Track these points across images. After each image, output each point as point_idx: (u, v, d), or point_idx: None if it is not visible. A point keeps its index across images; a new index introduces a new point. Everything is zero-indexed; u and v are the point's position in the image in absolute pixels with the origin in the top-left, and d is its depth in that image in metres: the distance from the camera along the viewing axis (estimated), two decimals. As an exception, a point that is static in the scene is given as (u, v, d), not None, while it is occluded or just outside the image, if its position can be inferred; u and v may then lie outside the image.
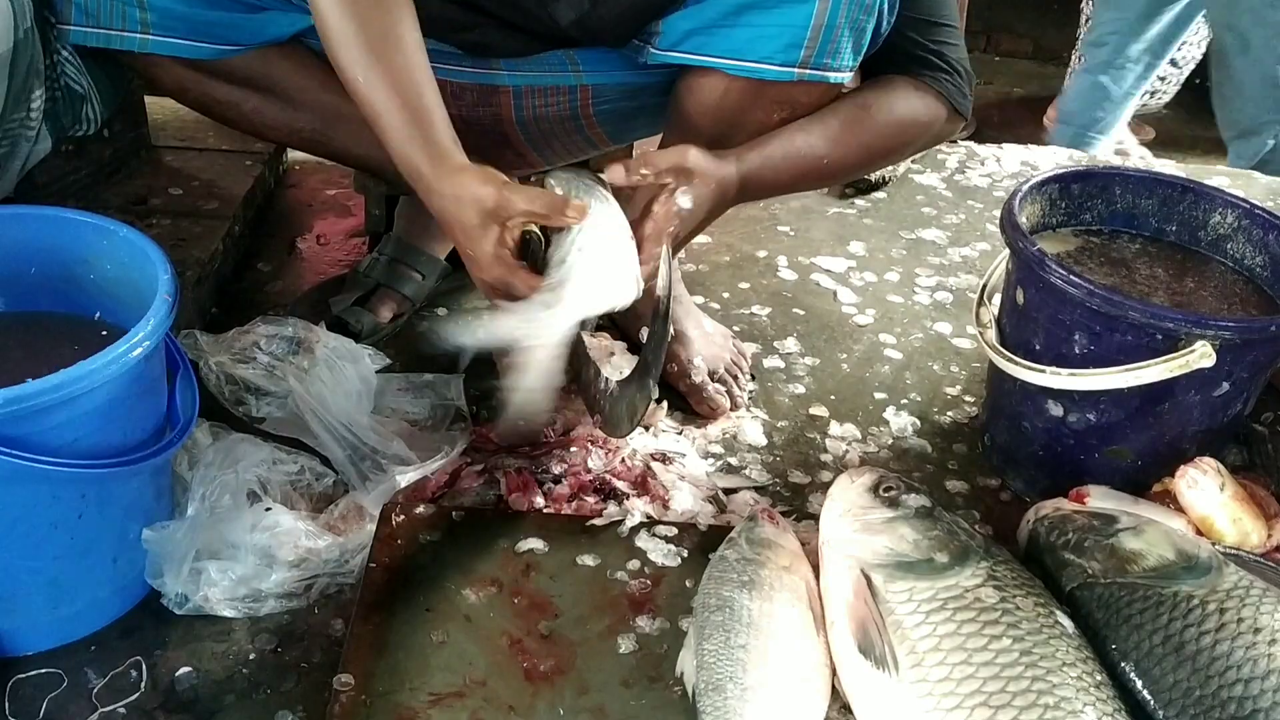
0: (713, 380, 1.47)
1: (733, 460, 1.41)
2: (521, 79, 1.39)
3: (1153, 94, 3.13)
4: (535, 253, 1.63)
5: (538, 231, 1.65)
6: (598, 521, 1.20)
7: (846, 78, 1.25)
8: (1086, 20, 2.99)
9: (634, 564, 1.15)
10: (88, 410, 0.97)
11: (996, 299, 1.38)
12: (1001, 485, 1.41)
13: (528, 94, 1.41)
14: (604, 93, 1.42)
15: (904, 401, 1.55)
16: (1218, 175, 2.40)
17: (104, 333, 1.12)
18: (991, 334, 1.33)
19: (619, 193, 1.20)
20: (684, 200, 1.19)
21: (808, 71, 1.22)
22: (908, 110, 1.33)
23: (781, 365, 1.61)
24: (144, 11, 1.32)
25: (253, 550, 1.12)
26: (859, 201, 2.13)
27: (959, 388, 1.60)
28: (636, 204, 1.21)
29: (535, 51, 1.36)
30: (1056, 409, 1.29)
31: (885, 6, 1.21)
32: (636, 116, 1.47)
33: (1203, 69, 2.96)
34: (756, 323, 1.71)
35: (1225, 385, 1.23)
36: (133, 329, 0.99)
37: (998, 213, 1.33)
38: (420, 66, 1.16)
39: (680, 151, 1.21)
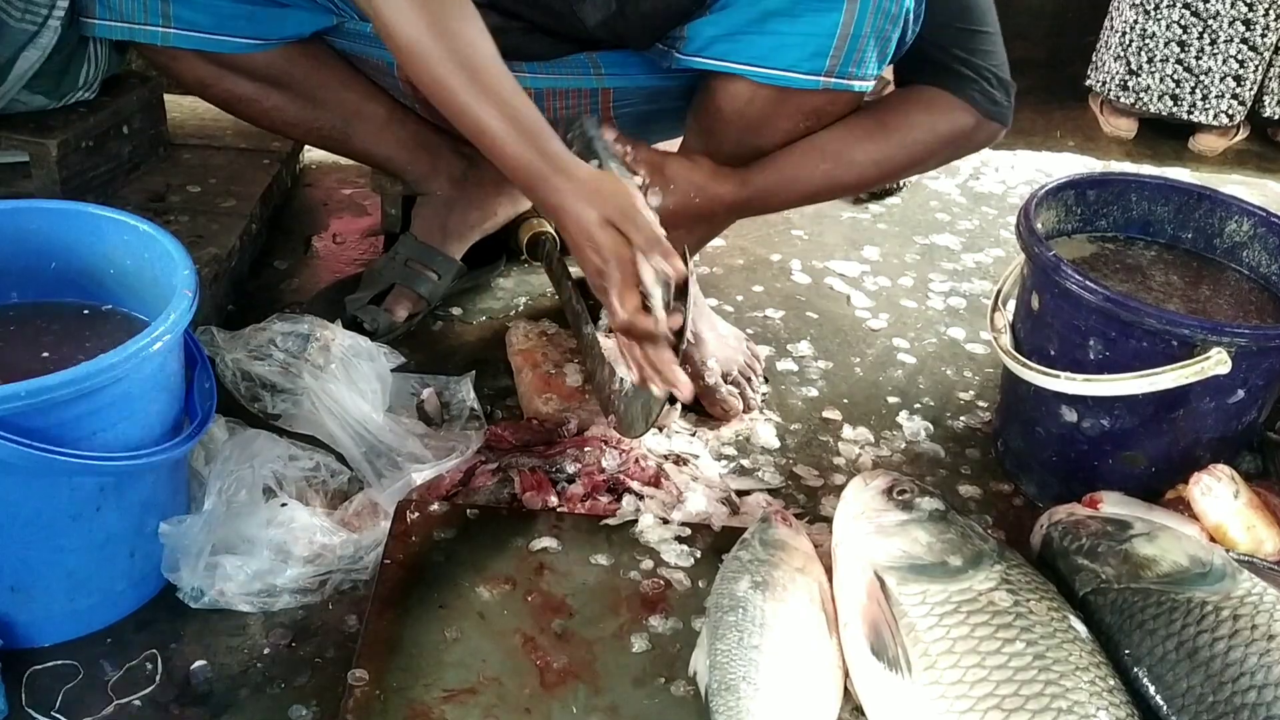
0: (726, 382, 1.47)
1: (746, 462, 1.41)
2: (544, 81, 1.40)
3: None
4: (550, 255, 1.64)
5: (553, 234, 1.66)
6: (611, 521, 1.20)
7: (870, 86, 1.25)
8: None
9: (647, 564, 1.15)
10: (107, 404, 0.97)
11: (1011, 304, 1.38)
12: (1014, 490, 1.41)
13: (550, 96, 1.42)
14: (625, 95, 1.43)
15: (917, 406, 1.55)
16: (1234, 183, 2.40)
17: (122, 328, 1.13)
18: (1006, 339, 1.33)
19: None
20: (652, 199, 1.23)
21: (833, 80, 1.22)
22: (927, 125, 1.32)
23: (795, 368, 1.61)
24: (165, 4, 1.33)
25: (268, 545, 1.13)
26: (873, 206, 2.13)
27: (972, 393, 1.60)
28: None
29: (559, 55, 1.37)
30: (1070, 414, 1.29)
31: (910, 15, 1.21)
32: (657, 119, 1.47)
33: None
34: (770, 326, 1.72)
35: (1240, 393, 1.23)
36: (153, 323, 0.99)
37: (1011, 219, 1.34)
38: (514, 82, 1.15)
39: (660, 156, 1.27)
